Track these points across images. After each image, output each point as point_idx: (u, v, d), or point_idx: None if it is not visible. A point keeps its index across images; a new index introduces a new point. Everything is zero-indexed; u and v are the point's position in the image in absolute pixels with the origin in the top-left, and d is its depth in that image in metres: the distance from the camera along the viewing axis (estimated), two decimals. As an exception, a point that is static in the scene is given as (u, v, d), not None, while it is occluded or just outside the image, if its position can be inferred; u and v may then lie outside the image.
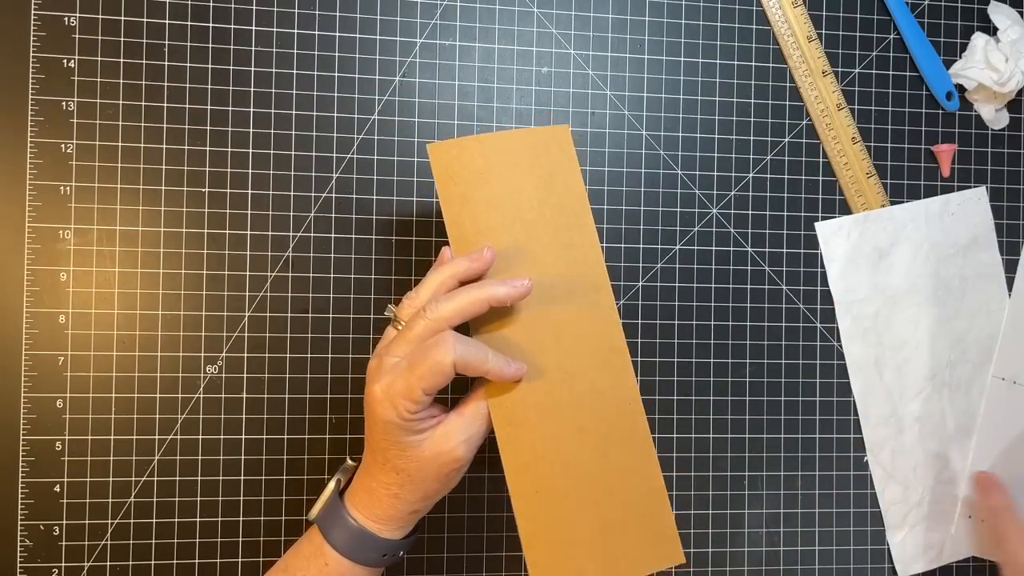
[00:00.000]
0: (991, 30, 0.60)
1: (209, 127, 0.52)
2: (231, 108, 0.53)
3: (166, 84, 0.52)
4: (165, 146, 0.52)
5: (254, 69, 0.53)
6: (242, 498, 0.52)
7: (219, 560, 0.52)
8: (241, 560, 0.52)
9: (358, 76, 0.54)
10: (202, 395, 0.52)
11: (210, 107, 0.52)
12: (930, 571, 0.58)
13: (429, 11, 0.54)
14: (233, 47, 0.53)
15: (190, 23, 0.52)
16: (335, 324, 0.53)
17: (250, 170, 0.53)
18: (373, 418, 0.39)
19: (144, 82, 0.52)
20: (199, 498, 0.52)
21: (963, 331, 0.59)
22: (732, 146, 0.57)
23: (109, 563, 0.51)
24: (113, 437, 0.51)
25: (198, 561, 0.52)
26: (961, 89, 0.59)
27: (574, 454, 0.41)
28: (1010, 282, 0.59)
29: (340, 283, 0.53)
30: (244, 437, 0.52)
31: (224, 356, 0.52)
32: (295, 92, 0.53)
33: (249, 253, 0.53)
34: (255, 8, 0.53)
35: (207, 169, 0.52)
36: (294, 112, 0.53)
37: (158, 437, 0.52)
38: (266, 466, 0.52)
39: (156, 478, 0.51)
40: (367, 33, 0.54)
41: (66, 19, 0.51)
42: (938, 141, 0.60)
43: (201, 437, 0.52)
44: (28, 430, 0.50)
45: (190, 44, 0.52)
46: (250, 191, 0.53)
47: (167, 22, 0.52)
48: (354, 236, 0.54)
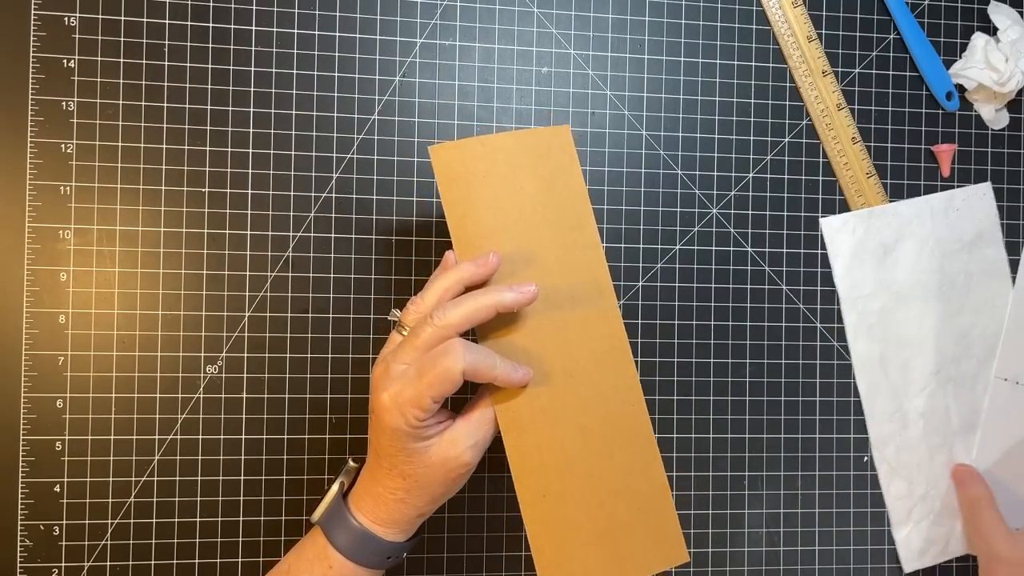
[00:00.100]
0: (991, 30, 0.60)
1: (209, 127, 0.52)
2: (231, 108, 0.53)
3: (166, 84, 0.52)
4: (165, 146, 0.52)
5: (254, 69, 0.53)
6: (242, 498, 0.52)
7: (219, 560, 0.52)
8: (241, 560, 0.52)
9: (358, 76, 0.54)
10: (202, 395, 0.52)
11: (210, 107, 0.52)
12: (934, 566, 0.58)
13: (429, 11, 0.54)
14: (233, 47, 0.53)
15: (190, 23, 0.52)
16: (335, 324, 0.53)
17: (250, 170, 0.53)
18: (380, 425, 0.39)
19: (144, 82, 0.52)
20: (199, 498, 0.52)
21: (968, 327, 0.59)
22: (732, 146, 0.57)
23: (109, 563, 0.51)
24: (113, 437, 0.51)
25: (198, 561, 0.52)
26: (961, 89, 0.59)
27: (579, 457, 0.41)
28: (1013, 281, 0.59)
29: (340, 283, 0.53)
30: (244, 437, 0.52)
31: (224, 356, 0.52)
32: (295, 92, 0.53)
33: (249, 253, 0.53)
34: (255, 8, 0.53)
35: (207, 169, 0.52)
36: (294, 112, 0.53)
37: (158, 437, 0.52)
38: (266, 466, 0.52)
39: (156, 478, 0.51)
40: (367, 33, 0.54)
41: (66, 19, 0.51)
42: (938, 141, 0.60)
43: (201, 437, 0.52)
44: (28, 430, 0.50)
45: (190, 44, 0.52)
46: (250, 191, 0.53)
47: (167, 22, 0.52)
48: (354, 236, 0.54)
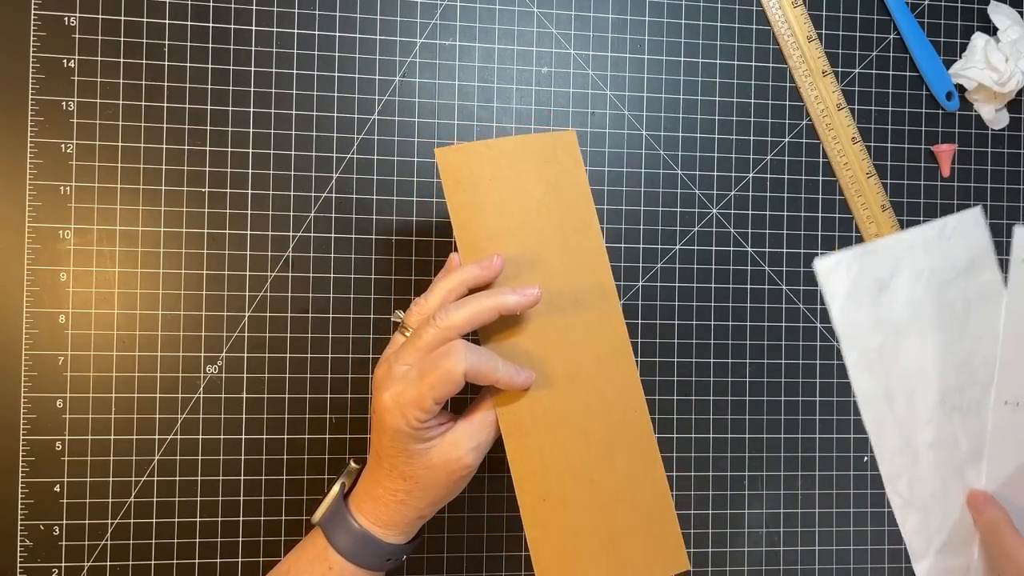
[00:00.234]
0: (991, 30, 0.60)
1: (209, 127, 0.52)
2: (231, 108, 0.53)
3: (166, 84, 0.52)
4: (165, 146, 0.52)
5: (254, 69, 0.53)
6: (242, 498, 0.52)
7: (219, 560, 0.52)
8: (241, 560, 0.52)
9: (358, 76, 0.54)
10: (202, 395, 0.52)
11: (210, 107, 0.52)
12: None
13: (429, 11, 0.54)
14: (233, 47, 0.53)
15: (190, 23, 0.52)
16: (335, 324, 0.53)
17: (250, 170, 0.53)
18: (382, 426, 0.39)
19: (144, 82, 0.52)
20: (199, 498, 0.52)
21: (969, 353, 0.58)
22: (732, 146, 0.57)
23: (109, 563, 0.51)
24: (113, 437, 0.51)
25: (198, 561, 0.52)
26: (961, 89, 0.59)
27: (581, 461, 0.41)
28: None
29: (340, 283, 0.53)
30: (244, 437, 0.52)
31: (224, 356, 0.52)
32: (295, 92, 0.53)
33: (249, 253, 0.53)
34: (255, 8, 0.53)
35: (207, 169, 0.52)
36: (294, 112, 0.53)
37: (158, 437, 0.52)
38: (266, 466, 0.52)
39: (156, 478, 0.51)
40: (367, 33, 0.54)
41: (66, 19, 0.51)
42: (938, 141, 0.60)
43: (201, 437, 0.52)
44: (28, 430, 0.50)
45: (190, 44, 0.52)
46: (250, 191, 0.53)
47: (167, 22, 0.52)
48: (354, 236, 0.54)
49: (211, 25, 0.52)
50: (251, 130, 0.53)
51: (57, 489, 0.51)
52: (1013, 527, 0.55)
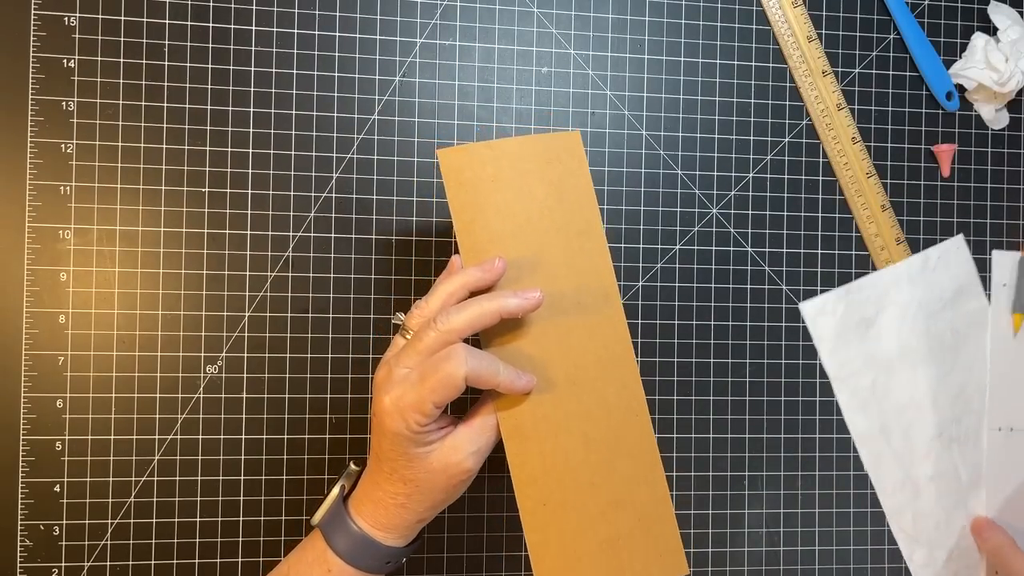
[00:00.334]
0: (991, 30, 0.60)
1: (209, 127, 0.52)
2: (231, 108, 0.53)
3: (166, 84, 0.52)
4: (165, 146, 0.52)
5: (254, 69, 0.53)
6: (242, 498, 0.52)
7: (219, 560, 0.52)
8: (241, 560, 0.52)
9: (358, 76, 0.54)
10: (202, 395, 0.52)
11: (210, 107, 0.52)
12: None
13: (429, 11, 0.54)
14: (233, 47, 0.53)
15: (190, 23, 0.52)
16: (335, 324, 0.53)
17: (250, 170, 0.53)
18: (382, 429, 0.38)
19: (144, 82, 0.52)
20: (199, 498, 0.52)
21: (962, 383, 0.58)
22: (732, 146, 0.57)
23: (109, 563, 0.51)
24: (113, 437, 0.51)
25: (198, 561, 0.52)
26: (961, 89, 0.59)
27: (581, 466, 0.40)
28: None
29: (340, 283, 0.53)
30: (244, 437, 0.52)
31: (224, 356, 0.52)
32: (295, 92, 0.53)
33: (249, 253, 0.53)
34: (255, 8, 0.53)
35: (207, 169, 0.52)
36: (294, 112, 0.53)
37: (158, 437, 0.52)
38: (266, 466, 0.52)
39: (156, 478, 0.51)
40: (367, 33, 0.54)
41: (66, 19, 0.51)
42: (938, 141, 0.60)
43: (201, 437, 0.52)
44: (28, 430, 0.50)
45: (190, 44, 0.52)
46: (250, 191, 0.53)
47: (167, 22, 0.52)
48: (354, 236, 0.54)
49: (211, 25, 0.52)
50: (251, 130, 0.53)
51: (57, 489, 0.51)
52: (1018, 549, 0.55)
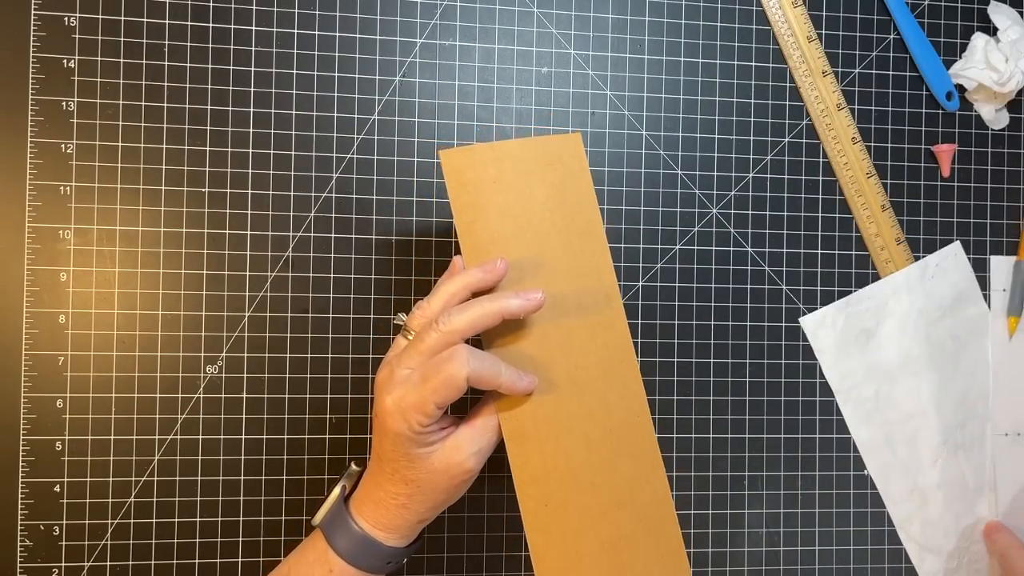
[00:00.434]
0: (991, 30, 0.60)
1: (209, 127, 0.52)
2: (231, 108, 0.53)
3: (166, 84, 0.52)
4: (165, 146, 0.52)
5: (254, 69, 0.53)
6: (242, 498, 0.52)
7: (219, 560, 0.52)
8: (241, 560, 0.52)
9: (358, 76, 0.54)
10: (202, 395, 0.52)
11: (210, 107, 0.52)
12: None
13: (429, 11, 0.54)
14: (233, 47, 0.53)
15: (190, 23, 0.52)
16: (335, 324, 0.53)
17: (250, 170, 0.53)
18: (383, 430, 0.38)
19: (144, 82, 0.52)
20: (199, 498, 0.52)
21: (965, 389, 0.58)
22: (732, 146, 0.57)
23: (109, 563, 0.51)
24: (113, 437, 0.51)
25: (198, 561, 0.52)
26: (961, 89, 0.59)
27: (583, 467, 0.40)
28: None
29: (340, 283, 0.53)
30: (244, 437, 0.52)
31: (224, 356, 0.52)
32: (295, 92, 0.53)
33: (249, 253, 0.53)
34: (255, 8, 0.53)
35: (207, 169, 0.52)
36: (294, 112, 0.53)
37: (158, 437, 0.52)
38: (266, 466, 0.52)
39: (156, 478, 0.51)
40: (367, 33, 0.54)
41: (66, 19, 0.51)
42: (938, 141, 0.60)
43: (201, 437, 0.52)
44: (28, 430, 0.50)
45: (190, 44, 0.52)
46: (250, 191, 0.53)
47: (167, 22, 0.52)
48: (354, 236, 0.54)
49: (211, 25, 0.52)
50: (251, 130, 0.53)
51: (57, 489, 0.51)
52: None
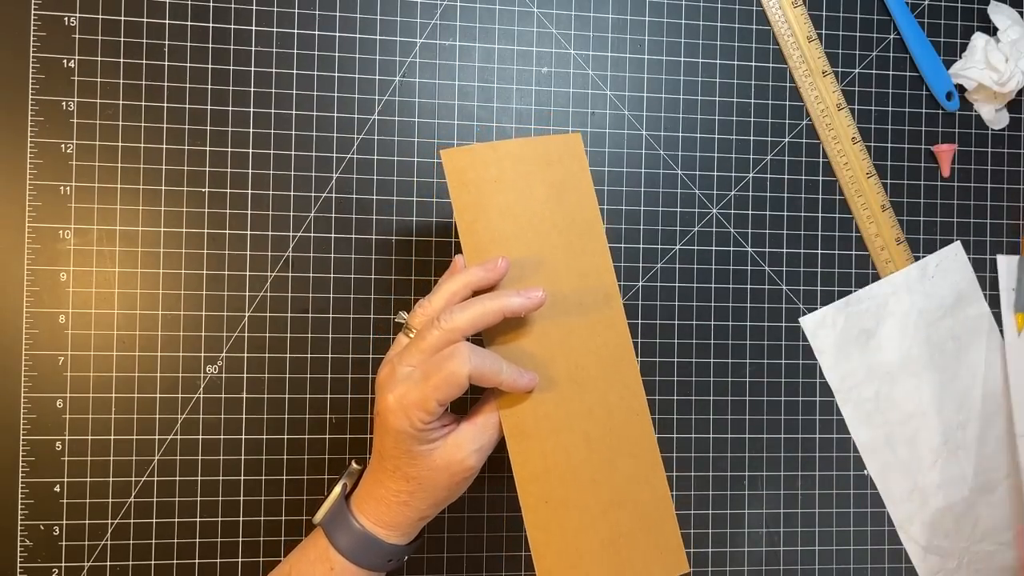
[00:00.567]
0: (991, 30, 0.60)
1: (209, 127, 0.52)
2: (231, 108, 0.53)
3: (166, 84, 0.52)
4: (165, 146, 0.52)
5: (254, 69, 0.53)
6: (242, 498, 0.52)
7: (219, 560, 0.52)
8: (241, 560, 0.52)
9: (358, 76, 0.54)
10: (202, 395, 0.52)
11: (210, 107, 0.52)
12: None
13: (429, 11, 0.54)
14: (233, 47, 0.53)
15: (190, 23, 0.52)
16: (335, 324, 0.53)
17: (250, 170, 0.53)
18: (385, 427, 0.39)
19: (144, 82, 0.52)
20: (199, 498, 0.52)
21: (966, 389, 0.58)
22: (732, 146, 0.57)
23: (109, 563, 0.51)
24: (113, 437, 0.51)
25: (198, 561, 0.52)
26: (961, 89, 0.59)
27: (583, 464, 0.41)
28: (1002, 334, 0.59)
29: (340, 283, 0.53)
30: (244, 437, 0.52)
31: (224, 356, 0.52)
32: (295, 92, 0.53)
33: (249, 253, 0.53)
34: (255, 8, 0.53)
35: (207, 169, 0.52)
36: (294, 112, 0.53)
37: (158, 437, 0.52)
38: (266, 466, 0.52)
39: (156, 478, 0.51)
40: (367, 33, 0.54)
41: (66, 19, 0.51)
42: (938, 141, 0.60)
43: (201, 437, 0.52)
44: (28, 430, 0.50)
45: (190, 44, 0.52)
46: (250, 191, 0.53)
47: (167, 22, 0.52)
48: (354, 236, 0.54)
49: (211, 25, 0.52)
50: (251, 130, 0.53)
51: (57, 489, 0.51)
52: None
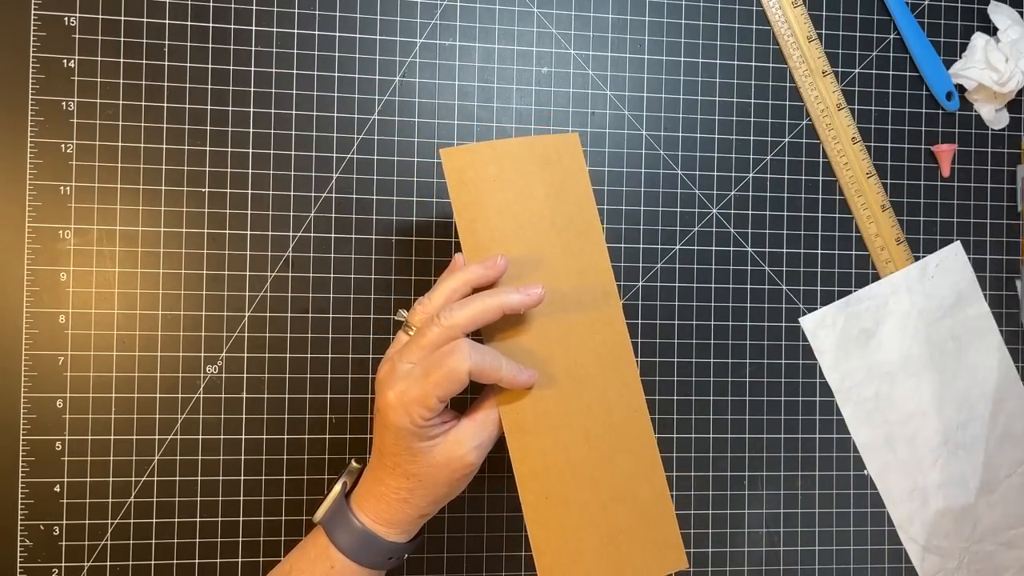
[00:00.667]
0: (991, 30, 0.60)
1: (209, 127, 0.52)
2: (231, 108, 0.53)
3: (166, 84, 0.52)
4: (165, 146, 0.52)
5: (254, 69, 0.53)
6: (242, 498, 0.52)
7: (219, 560, 0.52)
8: (241, 560, 0.52)
9: (358, 76, 0.54)
10: (202, 395, 0.52)
11: (210, 107, 0.52)
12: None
13: (429, 11, 0.54)
14: (233, 47, 0.53)
15: (190, 23, 0.52)
16: (335, 324, 0.53)
17: (250, 170, 0.53)
18: (385, 424, 0.39)
19: (144, 82, 0.52)
20: (199, 498, 0.52)
21: (966, 390, 0.58)
22: (732, 146, 0.57)
23: (109, 563, 0.51)
24: (113, 437, 0.51)
25: (198, 561, 0.52)
26: (961, 89, 0.59)
27: (582, 461, 0.41)
28: (1002, 335, 0.59)
29: (340, 283, 0.53)
30: (244, 437, 0.52)
31: (224, 356, 0.52)
32: (295, 92, 0.53)
33: (249, 253, 0.53)
34: (255, 8, 0.53)
35: (207, 169, 0.52)
36: (294, 112, 0.53)
37: (158, 437, 0.52)
38: (266, 466, 0.52)
39: (156, 478, 0.51)
40: (367, 33, 0.54)
41: (66, 19, 0.51)
42: (938, 141, 0.60)
43: (201, 437, 0.52)
44: (28, 430, 0.50)
45: (190, 44, 0.52)
46: (250, 191, 0.53)
47: (167, 22, 0.52)
48: (354, 236, 0.54)
49: (211, 25, 0.52)
50: (251, 130, 0.53)
51: (57, 489, 0.51)
52: None
